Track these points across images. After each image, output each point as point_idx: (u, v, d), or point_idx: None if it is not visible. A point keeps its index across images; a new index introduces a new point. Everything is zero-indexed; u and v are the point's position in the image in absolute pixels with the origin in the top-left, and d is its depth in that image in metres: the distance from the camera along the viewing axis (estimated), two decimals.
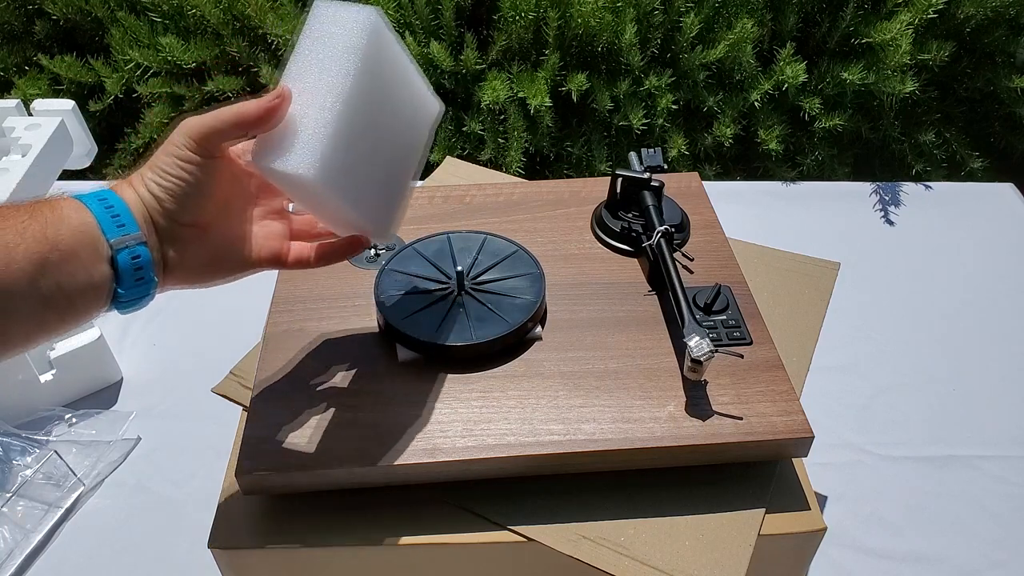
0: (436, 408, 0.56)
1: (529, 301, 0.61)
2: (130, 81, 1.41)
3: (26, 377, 0.86)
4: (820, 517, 0.55)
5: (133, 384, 0.94)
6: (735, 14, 1.33)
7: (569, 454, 0.53)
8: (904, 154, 1.42)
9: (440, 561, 0.55)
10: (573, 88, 1.30)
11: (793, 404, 0.56)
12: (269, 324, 0.63)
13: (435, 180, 0.88)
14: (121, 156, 1.44)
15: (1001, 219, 1.18)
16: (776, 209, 1.20)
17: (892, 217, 1.19)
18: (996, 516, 0.81)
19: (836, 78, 1.34)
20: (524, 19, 1.30)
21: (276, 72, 1.36)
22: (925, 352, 0.98)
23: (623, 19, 1.30)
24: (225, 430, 0.61)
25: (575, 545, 0.52)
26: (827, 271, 0.74)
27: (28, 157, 0.85)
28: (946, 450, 0.87)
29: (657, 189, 0.69)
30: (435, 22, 1.35)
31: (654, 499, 0.55)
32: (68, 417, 0.88)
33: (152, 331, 1.00)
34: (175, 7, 1.38)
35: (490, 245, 0.67)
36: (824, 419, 0.60)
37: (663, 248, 0.63)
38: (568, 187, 0.77)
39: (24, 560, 0.76)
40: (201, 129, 0.45)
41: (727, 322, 0.62)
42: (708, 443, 0.53)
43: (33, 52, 1.47)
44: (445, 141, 1.36)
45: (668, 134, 1.37)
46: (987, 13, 1.36)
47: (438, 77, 1.35)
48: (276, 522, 0.55)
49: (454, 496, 0.55)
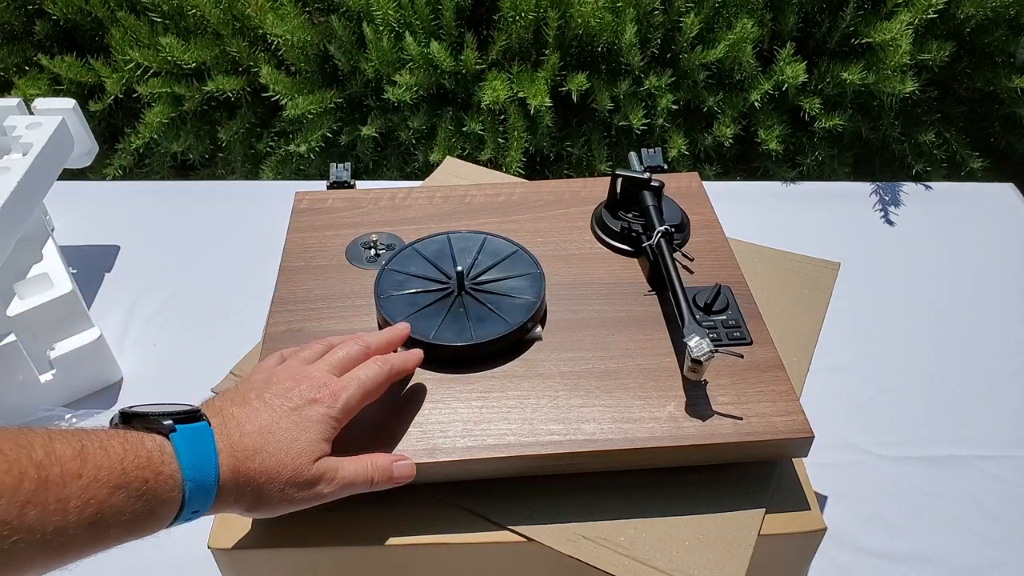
0: (436, 408, 0.56)
1: (529, 301, 0.61)
2: (130, 81, 1.41)
3: (26, 377, 0.86)
4: (820, 517, 0.55)
5: (133, 384, 0.94)
6: (735, 14, 1.33)
7: (569, 454, 0.53)
8: (904, 154, 1.42)
9: (440, 561, 0.55)
10: (573, 88, 1.30)
11: (793, 404, 0.56)
12: (269, 324, 0.63)
13: (435, 180, 0.88)
14: (121, 156, 1.44)
15: (1001, 219, 1.18)
16: (776, 209, 1.20)
17: (892, 217, 1.19)
18: (996, 516, 0.81)
19: (836, 78, 1.34)
20: (524, 19, 1.30)
21: (276, 72, 1.36)
22: (925, 352, 0.98)
23: (623, 19, 1.30)
24: None
25: (575, 545, 0.52)
26: (827, 271, 0.74)
27: (29, 156, 0.85)
28: (946, 450, 0.87)
29: (657, 189, 0.69)
30: (435, 22, 1.35)
31: (654, 499, 0.55)
32: (68, 417, 0.88)
33: (152, 331, 1.00)
34: (175, 7, 1.38)
35: (490, 245, 0.67)
36: (824, 419, 0.60)
37: (663, 248, 0.63)
38: (568, 187, 0.77)
39: None
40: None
41: (727, 322, 0.62)
42: (708, 443, 0.53)
43: (33, 52, 1.47)
44: (445, 141, 1.36)
45: (668, 134, 1.37)
46: (987, 13, 1.36)
47: (438, 77, 1.35)
48: (276, 522, 0.55)
49: (454, 496, 0.55)
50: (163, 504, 0.40)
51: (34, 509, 0.33)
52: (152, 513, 0.39)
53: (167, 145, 1.45)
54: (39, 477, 0.34)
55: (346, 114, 1.42)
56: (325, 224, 0.73)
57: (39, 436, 0.36)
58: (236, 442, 0.44)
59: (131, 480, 0.37)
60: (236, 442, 0.44)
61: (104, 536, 0.37)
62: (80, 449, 0.36)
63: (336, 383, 0.49)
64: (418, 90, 1.34)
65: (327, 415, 0.47)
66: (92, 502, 0.36)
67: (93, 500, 0.36)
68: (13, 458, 0.33)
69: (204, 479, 0.41)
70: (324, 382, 0.49)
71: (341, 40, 1.35)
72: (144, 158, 1.50)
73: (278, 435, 0.45)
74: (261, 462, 0.44)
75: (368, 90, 1.41)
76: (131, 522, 0.38)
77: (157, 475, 0.39)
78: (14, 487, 0.33)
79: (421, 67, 1.33)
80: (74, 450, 0.36)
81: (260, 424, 0.45)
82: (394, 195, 0.76)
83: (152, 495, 0.39)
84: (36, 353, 0.86)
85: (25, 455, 0.34)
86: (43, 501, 0.34)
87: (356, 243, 0.70)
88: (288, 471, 0.45)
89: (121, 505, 0.37)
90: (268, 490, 0.44)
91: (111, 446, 0.38)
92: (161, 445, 0.40)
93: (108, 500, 0.36)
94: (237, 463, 0.43)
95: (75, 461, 0.36)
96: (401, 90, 1.32)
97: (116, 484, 0.37)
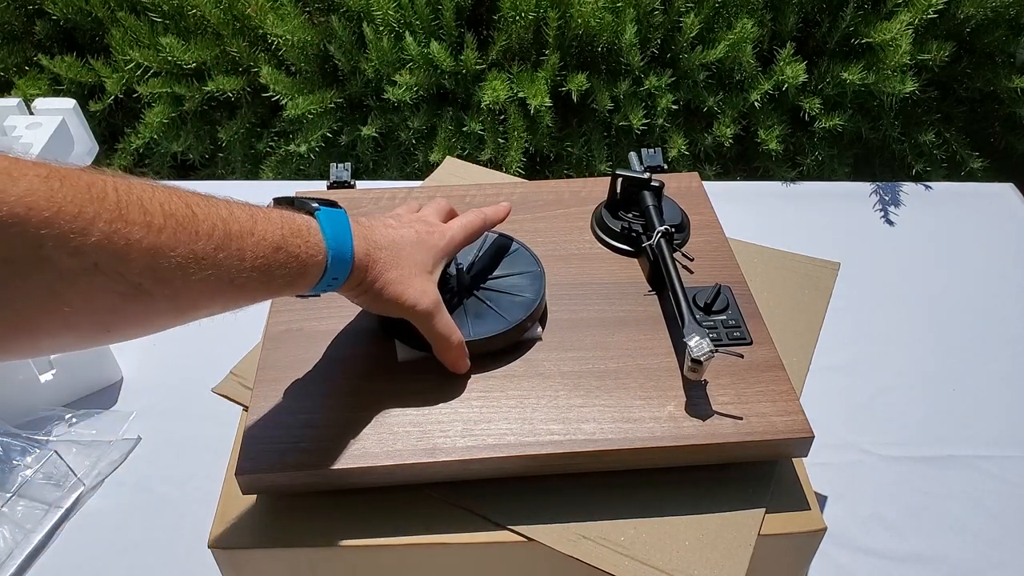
0: (436, 408, 0.56)
1: (529, 299, 0.61)
2: (130, 81, 1.41)
3: (26, 377, 0.86)
4: (820, 517, 0.55)
5: (133, 384, 0.94)
6: (735, 14, 1.33)
7: (569, 454, 0.53)
8: (904, 154, 1.42)
9: (440, 561, 0.55)
10: (573, 88, 1.30)
11: (793, 404, 0.56)
12: (269, 324, 0.63)
13: (435, 180, 0.88)
14: (121, 156, 1.44)
15: (1001, 219, 1.18)
16: (776, 209, 1.20)
17: (892, 217, 1.19)
18: (996, 516, 0.81)
19: (836, 78, 1.34)
20: (524, 19, 1.30)
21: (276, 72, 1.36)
22: (925, 352, 0.98)
23: (623, 19, 1.30)
24: (225, 430, 0.61)
25: (575, 545, 0.52)
26: (827, 271, 0.74)
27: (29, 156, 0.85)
28: (946, 450, 0.87)
29: (657, 189, 0.69)
30: (435, 22, 1.35)
31: (654, 499, 0.55)
32: (68, 417, 0.88)
33: None
34: (175, 7, 1.38)
35: (491, 243, 0.67)
36: (824, 419, 0.60)
37: (663, 248, 0.63)
38: (568, 187, 0.77)
39: (24, 560, 0.76)
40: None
41: (727, 322, 0.62)
42: (708, 443, 0.53)
43: (33, 52, 1.47)
44: (445, 141, 1.36)
45: (668, 134, 1.37)
46: (987, 13, 1.36)
47: (438, 77, 1.35)
48: (276, 522, 0.55)
49: (454, 496, 0.55)
50: (312, 266, 0.47)
51: (222, 252, 0.42)
52: (304, 273, 0.47)
53: (167, 145, 1.45)
54: (225, 229, 0.42)
55: (346, 114, 1.42)
56: None
57: (222, 201, 0.44)
58: (367, 236, 0.52)
59: (288, 244, 0.46)
60: (367, 236, 0.52)
61: (269, 284, 0.45)
62: (252, 215, 0.45)
63: (443, 224, 0.59)
64: (418, 90, 1.34)
65: (437, 245, 0.56)
66: (261, 256, 0.44)
67: (262, 254, 0.44)
68: (205, 213, 0.41)
69: (342, 252, 0.49)
70: (434, 223, 0.59)
71: (341, 40, 1.35)
72: (144, 158, 1.50)
73: (400, 244, 0.54)
74: (387, 255, 0.52)
75: (368, 90, 1.41)
76: (289, 276, 0.46)
77: (307, 243, 0.47)
78: (208, 234, 0.41)
79: (421, 67, 1.33)
80: (247, 215, 0.44)
81: (386, 234, 0.54)
82: (394, 195, 0.76)
83: (305, 257, 0.47)
84: None
85: (214, 212, 0.42)
86: (228, 247, 0.42)
87: None
88: (407, 268, 0.53)
89: (282, 261, 0.45)
90: (389, 278, 0.52)
91: (272, 217, 0.46)
92: (308, 221, 0.48)
93: (272, 256, 0.45)
94: (369, 249, 0.51)
95: (249, 222, 0.44)
96: (401, 90, 1.32)
97: (278, 245, 0.45)
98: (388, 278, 0.52)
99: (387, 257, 0.52)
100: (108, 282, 0.37)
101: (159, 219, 0.39)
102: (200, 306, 0.43)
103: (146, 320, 0.43)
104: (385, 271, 0.52)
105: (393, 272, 0.52)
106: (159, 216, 0.39)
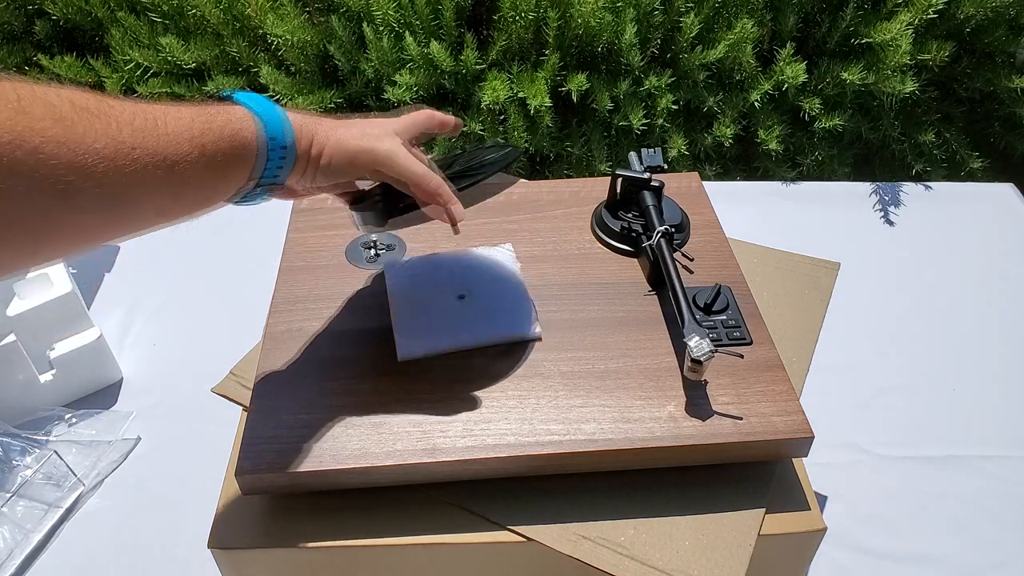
0: (436, 408, 0.56)
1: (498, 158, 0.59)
2: (130, 81, 1.41)
3: (26, 377, 0.86)
4: (820, 517, 0.55)
5: (133, 384, 0.94)
6: (735, 14, 1.33)
7: (569, 454, 0.53)
8: (904, 154, 1.42)
9: (440, 561, 0.55)
10: (573, 88, 1.30)
11: (793, 404, 0.56)
12: (269, 324, 0.63)
13: None
14: None
15: (1001, 219, 1.18)
16: (776, 209, 1.20)
17: (892, 217, 1.19)
18: (996, 516, 0.81)
19: (836, 78, 1.34)
20: (524, 19, 1.30)
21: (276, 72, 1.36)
22: (925, 352, 0.98)
23: (623, 19, 1.30)
24: (225, 430, 0.61)
25: (575, 545, 0.52)
26: (827, 271, 0.74)
27: None
28: (946, 450, 0.87)
29: (657, 189, 0.69)
30: (435, 22, 1.35)
31: (654, 499, 0.55)
32: (68, 417, 0.88)
33: (152, 331, 1.00)
34: (175, 7, 1.38)
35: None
36: (824, 419, 0.60)
37: (663, 248, 0.63)
38: (568, 187, 0.77)
39: (24, 560, 0.76)
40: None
41: (727, 322, 0.62)
42: (708, 443, 0.53)
43: (33, 52, 1.47)
44: (445, 141, 1.36)
45: (668, 134, 1.37)
46: (987, 13, 1.36)
47: (438, 77, 1.35)
48: (276, 522, 0.55)
49: (454, 496, 0.55)
50: (246, 135, 0.46)
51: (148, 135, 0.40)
52: (243, 145, 0.45)
53: None
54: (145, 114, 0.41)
55: (346, 114, 1.42)
56: (325, 224, 0.73)
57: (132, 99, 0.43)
58: (302, 112, 0.50)
59: (214, 120, 0.44)
60: (302, 112, 0.50)
61: (211, 165, 0.43)
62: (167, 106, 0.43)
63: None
64: (418, 90, 1.34)
65: (385, 122, 0.54)
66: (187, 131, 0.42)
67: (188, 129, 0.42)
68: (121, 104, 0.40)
69: (272, 118, 0.47)
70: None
71: (341, 40, 1.35)
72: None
73: (345, 121, 0.53)
74: (333, 123, 0.51)
75: (368, 90, 1.41)
76: (228, 153, 0.44)
77: (231, 116, 0.45)
78: (129, 122, 0.39)
79: (421, 67, 1.33)
80: (162, 105, 0.43)
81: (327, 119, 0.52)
82: None
83: (236, 126, 0.45)
84: (36, 353, 0.87)
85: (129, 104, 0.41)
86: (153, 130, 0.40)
87: (356, 243, 0.70)
88: (358, 127, 0.52)
89: (215, 137, 0.44)
90: (342, 135, 0.51)
91: (186, 106, 0.44)
92: (223, 102, 0.47)
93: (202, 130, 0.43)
94: (305, 120, 0.50)
95: (167, 108, 0.43)
96: (401, 90, 1.32)
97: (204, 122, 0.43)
98: (341, 135, 0.51)
99: (333, 123, 0.51)
100: (30, 184, 0.35)
101: (69, 112, 0.37)
102: (142, 202, 0.41)
103: (83, 226, 0.40)
104: (335, 130, 0.51)
105: (343, 131, 0.51)
106: (68, 110, 0.37)
